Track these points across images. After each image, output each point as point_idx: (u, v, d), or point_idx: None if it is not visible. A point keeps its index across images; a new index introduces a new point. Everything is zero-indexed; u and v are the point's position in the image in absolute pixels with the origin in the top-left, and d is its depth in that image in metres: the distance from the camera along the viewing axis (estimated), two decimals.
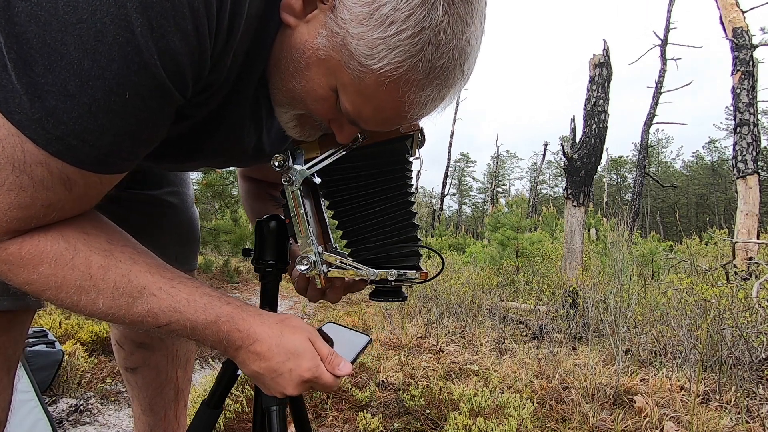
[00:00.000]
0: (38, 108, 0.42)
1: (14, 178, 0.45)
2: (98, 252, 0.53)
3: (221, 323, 0.57)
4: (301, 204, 0.68)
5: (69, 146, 0.45)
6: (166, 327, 0.55)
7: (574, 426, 1.83)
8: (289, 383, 0.59)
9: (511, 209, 7.17)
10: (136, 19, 0.41)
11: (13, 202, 0.46)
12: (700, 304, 2.49)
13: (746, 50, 6.05)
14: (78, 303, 0.52)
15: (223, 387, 0.78)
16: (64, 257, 0.51)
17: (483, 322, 3.75)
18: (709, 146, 50.33)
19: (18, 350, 0.67)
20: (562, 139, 6.02)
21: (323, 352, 0.62)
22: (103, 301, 0.52)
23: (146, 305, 0.54)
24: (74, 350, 2.17)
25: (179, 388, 1.11)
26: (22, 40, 0.40)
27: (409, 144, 0.69)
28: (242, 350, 0.59)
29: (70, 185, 0.48)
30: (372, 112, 0.55)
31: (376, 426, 1.72)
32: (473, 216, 54.71)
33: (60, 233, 0.51)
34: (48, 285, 0.50)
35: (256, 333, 0.58)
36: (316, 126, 0.64)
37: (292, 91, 0.57)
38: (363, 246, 0.69)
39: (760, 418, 1.82)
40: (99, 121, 0.44)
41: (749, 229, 5.50)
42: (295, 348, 0.59)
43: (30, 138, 0.43)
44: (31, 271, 0.49)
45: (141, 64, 0.43)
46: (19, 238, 0.49)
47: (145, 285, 0.54)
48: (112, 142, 0.46)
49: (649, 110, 14.48)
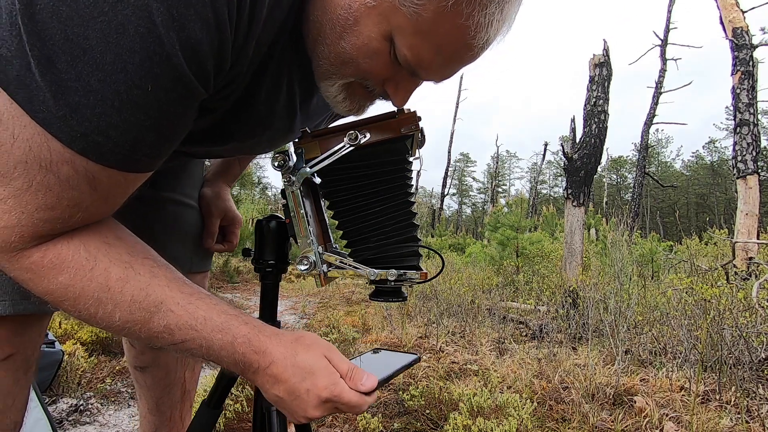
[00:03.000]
0: (62, 105, 0.41)
1: (41, 178, 0.44)
2: (118, 263, 0.52)
3: (237, 344, 0.55)
4: (301, 204, 0.68)
5: (94, 143, 0.44)
6: (181, 345, 0.53)
7: (574, 426, 1.83)
8: (308, 405, 0.55)
9: (510, 209, 7.17)
10: (156, 9, 0.40)
11: (41, 202, 0.45)
12: (700, 304, 2.49)
13: (746, 50, 6.05)
14: (95, 315, 0.50)
15: (223, 387, 0.79)
16: (84, 267, 0.49)
17: (483, 322, 3.75)
18: (709, 146, 50.36)
19: (36, 351, 0.67)
20: (562, 139, 6.02)
21: (342, 367, 0.58)
22: (120, 314, 0.51)
23: (163, 321, 0.52)
24: (74, 350, 2.17)
25: (186, 389, 1.11)
26: (44, 37, 0.40)
27: (409, 144, 0.69)
28: (259, 373, 0.56)
29: (95, 184, 0.47)
30: (434, 52, 0.52)
31: (376, 426, 1.72)
32: (473, 216, 54.72)
33: (82, 242, 0.50)
34: (66, 296, 0.49)
35: (271, 354, 0.56)
36: (366, 95, 0.62)
37: (342, 54, 0.55)
38: (363, 246, 0.69)
39: (760, 418, 1.82)
40: (122, 115, 0.43)
41: (749, 229, 5.50)
42: (309, 366, 0.56)
43: (55, 136, 0.43)
44: (51, 280, 0.48)
45: (163, 55, 0.42)
46: (42, 245, 0.48)
47: (162, 300, 0.52)
48: (135, 137, 0.46)
49: (649, 110, 14.48)
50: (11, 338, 0.61)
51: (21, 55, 0.40)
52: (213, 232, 1.02)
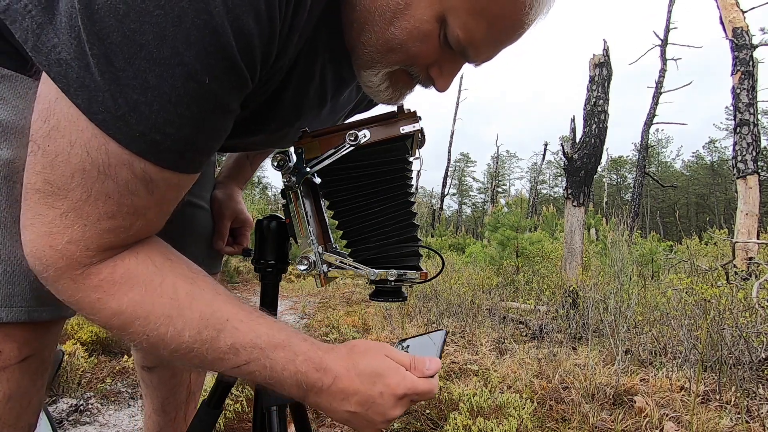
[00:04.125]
0: (121, 104, 0.40)
1: (100, 186, 0.43)
2: (183, 279, 0.50)
3: (299, 362, 0.53)
4: (301, 204, 0.68)
5: (152, 142, 0.43)
6: (245, 367, 0.51)
7: (574, 426, 1.83)
8: (386, 407, 0.54)
9: (510, 209, 7.18)
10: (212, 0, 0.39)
11: (101, 212, 0.44)
12: (700, 304, 2.49)
13: (746, 50, 6.05)
14: (164, 336, 0.48)
15: (223, 387, 0.79)
16: (154, 282, 0.48)
17: (483, 322, 3.75)
18: (709, 146, 50.38)
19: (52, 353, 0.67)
20: (562, 139, 6.02)
21: (404, 360, 0.58)
22: (189, 333, 0.48)
23: (229, 339, 0.50)
24: (74, 350, 2.17)
25: (192, 391, 1.11)
26: (102, 35, 0.39)
27: (409, 144, 0.69)
28: (323, 393, 0.54)
29: (152, 187, 0.46)
30: (486, 30, 0.52)
31: None
32: (473, 216, 54.72)
33: (148, 256, 0.49)
34: (137, 314, 0.47)
35: (333, 370, 0.54)
36: (408, 82, 0.62)
37: (391, 40, 0.54)
38: (363, 246, 0.69)
39: (760, 418, 1.82)
40: (179, 110, 0.42)
41: (749, 229, 5.50)
42: (374, 369, 0.55)
43: (113, 137, 0.42)
44: (122, 297, 0.46)
45: (218, 46, 0.41)
46: (110, 260, 0.46)
47: (228, 317, 0.50)
48: (190, 134, 0.45)
49: (649, 110, 14.49)
50: (30, 340, 0.60)
51: (80, 56, 0.40)
52: (224, 234, 1.02)
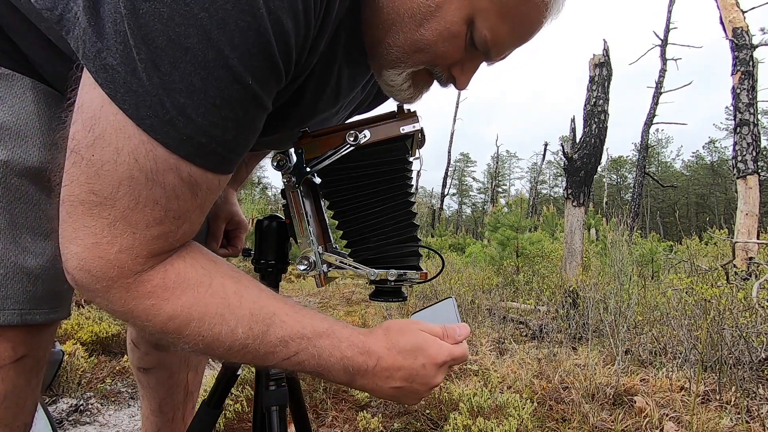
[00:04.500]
0: (169, 108, 0.41)
1: (147, 192, 0.43)
2: (229, 279, 0.51)
3: (344, 348, 0.55)
4: (301, 204, 0.68)
5: (199, 145, 0.43)
6: (294, 358, 0.53)
7: (574, 426, 1.83)
8: (429, 376, 0.58)
9: (510, 209, 7.18)
10: (255, 2, 0.40)
11: (150, 218, 0.44)
12: (700, 304, 2.49)
13: (746, 50, 6.05)
14: (219, 336, 0.49)
15: (223, 387, 0.79)
16: (204, 283, 0.49)
17: (483, 322, 3.75)
18: (709, 146, 50.38)
19: (47, 352, 0.68)
20: (562, 139, 6.02)
21: (437, 332, 0.61)
22: (242, 329, 0.50)
23: (278, 333, 0.52)
24: (74, 350, 2.17)
25: (189, 391, 1.12)
26: (148, 40, 0.39)
27: (409, 144, 0.69)
28: (369, 375, 0.57)
29: (196, 190, 0.46)
30: (510, 31, 0.54)
31: (376, 426, 1.72)
32: (473, 216, 54.73)
33: (194, 259, 0.50)
34: (192, 316, 0.47)
35: (376, 351, 0.57)
36: (429, 81, 0.63)
37: (419, 41, 0.55)
38: (363, 246, 0.69)
39: (760, 418, 1.82)
40: (224, 112, 0.43)
41: (749, 229, 5.50)
42: (414, 344, 0.58)
43: (161, 142, 0.42)
44: (176, 302, 0.47)
45: (261, 47, 0.42)
46: (160, 266, 0.47)
47: (275, 311, 0.52)
48: (234, 135, 0.45)
49: (649, 110, 14.49)
50: (25, 340, 0.61)
51: (127, 61, 0.40)
52: (218, 236, 1.02)
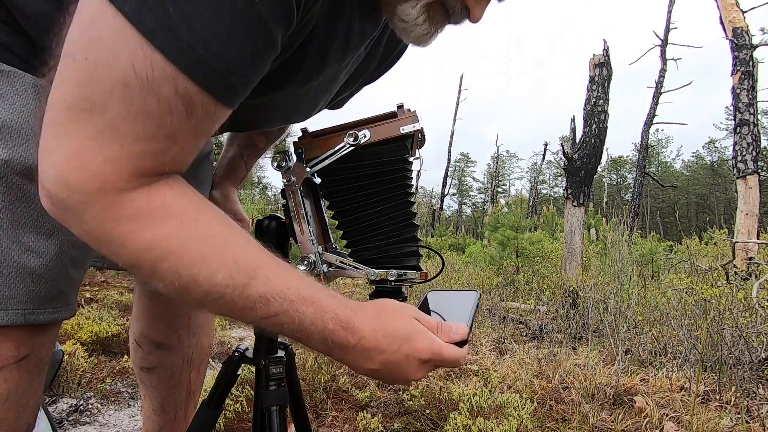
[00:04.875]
0: (171, 13, 0.39)
1: (141, 102, 0.41)
2: (218, 219, 0.48)
3: (326, 319, 0.51)
4: (301, 204, 0.68)
5: (198, 57, 0.41)
6: (273, 319, 0.49)
7: (574, 426, 1.83)
8: (409, 369, 0.55)
9: (510, 209, 7.18)
10: None
11: (140, 131, 0.42)
12: (700, 304, 2.49)
13: (746, 50, 6.05)
14: (196, 277, 0.45)
15: (223, 387, 0.79)
16: (189, 216, 0.46)
17: (483, 322, 3.75)
18: (709, 146, 50.40)
19: (50, 352, 0.67)
20: (562, 139, 6.02)
21: (432, 325, 0.57)
22: (222, 276, 0.46)
23: (261, 288, 0.48)
24: (74, 350, 2.17)
25: (191, 390, 1.12)
26: None
27: (409, 144, 0.69)
28: (349, 350, 0.54)
29: (191, 109, 0.44)
30: None
31: (376, 426, 1.72)
32: (473, 216, 54.74)
33: (182, 190, 0.47)
34: (171, 250, 0.44)
35: (360, 330, 0.53)
36: (443, 18, 0.60)
37: None
38: (363, 246, 0.69)
39: (760, 418, 1.82)
40: (226, 24, 0.41)
41: (749, 229, 5.50)
42: (403, 332, 0.55)
43: (159, 48, 0.40)
44: (156, 230, 0.44)
45: None
46: (144, 188, 0.44)
47: (261, 264, 0.49)
48: (233, 56, 0.44)
49: (649, 110, 14.50)
50: (27, 340, 0.61)
51: None
52: None
